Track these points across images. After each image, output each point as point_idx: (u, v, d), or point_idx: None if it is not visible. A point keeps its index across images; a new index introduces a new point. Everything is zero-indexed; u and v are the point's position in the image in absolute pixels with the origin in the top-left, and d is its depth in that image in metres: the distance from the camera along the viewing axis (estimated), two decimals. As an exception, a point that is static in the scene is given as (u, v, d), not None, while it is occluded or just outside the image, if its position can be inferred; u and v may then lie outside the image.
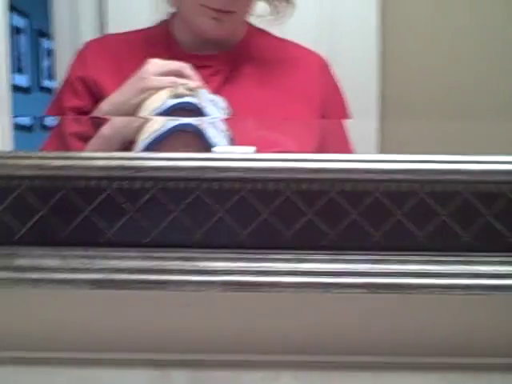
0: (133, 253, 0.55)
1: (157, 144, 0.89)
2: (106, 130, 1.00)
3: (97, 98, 1.05)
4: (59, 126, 1.12)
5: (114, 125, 1.00)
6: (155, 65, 0.99)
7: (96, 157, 0.56)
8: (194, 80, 0.98)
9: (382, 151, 1.00)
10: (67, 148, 1.07)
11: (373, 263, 0.55)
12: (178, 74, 0.98)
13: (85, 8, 1.22)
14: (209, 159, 0.56)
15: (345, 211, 0.57)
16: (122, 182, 0.56)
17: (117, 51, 1.10)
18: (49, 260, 0.55)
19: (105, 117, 1.01)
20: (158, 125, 0.91)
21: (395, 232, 0.57)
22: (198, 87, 0.95)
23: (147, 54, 1.07)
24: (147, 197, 0.56)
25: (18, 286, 0.55)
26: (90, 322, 0.60)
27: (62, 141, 1.09)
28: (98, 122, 1.07)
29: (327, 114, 1.08)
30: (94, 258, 0.55)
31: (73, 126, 1.09)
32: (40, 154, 0.56)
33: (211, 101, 0.94)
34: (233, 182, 0.56)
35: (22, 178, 0.55)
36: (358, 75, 1.08)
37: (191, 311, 0.58)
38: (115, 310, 0.60)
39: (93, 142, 1.00)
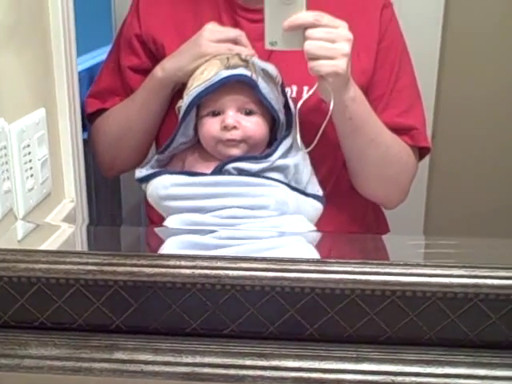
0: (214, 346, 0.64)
1: (209, 92, 0.94)
2: (159, 72, 1.03)
3: (155, 54, 1.08)
4: (114, 60, 1.13)
5: (167, 68, 1.02)
6: (212, 31, 0.99)
7: (183, 266, 0.62)
8: (248, 48, 0.99)
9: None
10: (124, 81, 1.11)
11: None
12: (235, 42, 0.99)
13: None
14: (282, 270, 0.62)
15: (405, 313, 0.64)
16: (204, 285, 0.63)
17: (172, 2, 1.09)
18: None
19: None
20: (212, 73, 0.94)
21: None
22: (252, 55, 0.96)
23: (204, 7, 1.07)
24: (226, 297, 0.64)
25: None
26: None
27: (117, 74, 1.12)
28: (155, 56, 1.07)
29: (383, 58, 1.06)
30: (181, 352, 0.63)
31: (129, 59, 1.11)
32: (133, 261, 0.63)
33: (263, 69, 0.94)
34: (303, 289, 0.63)
35: (117, 281, 0.63)
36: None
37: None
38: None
39: (147, 81, 1.05)
